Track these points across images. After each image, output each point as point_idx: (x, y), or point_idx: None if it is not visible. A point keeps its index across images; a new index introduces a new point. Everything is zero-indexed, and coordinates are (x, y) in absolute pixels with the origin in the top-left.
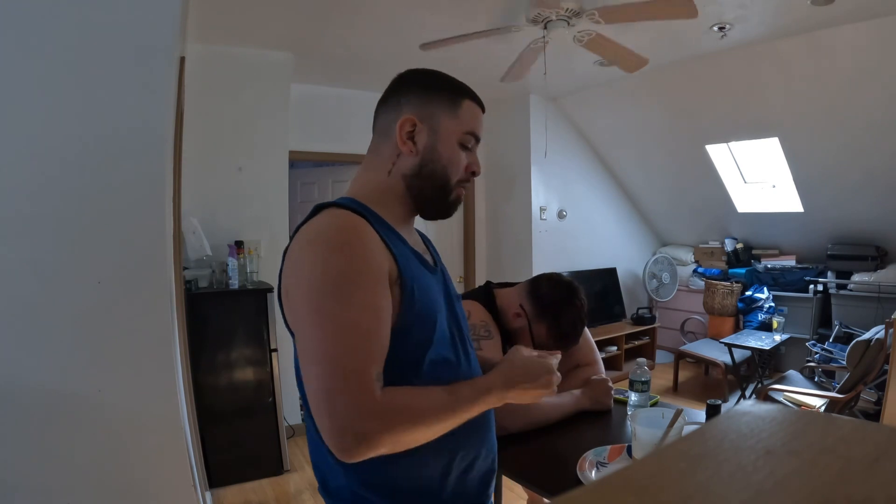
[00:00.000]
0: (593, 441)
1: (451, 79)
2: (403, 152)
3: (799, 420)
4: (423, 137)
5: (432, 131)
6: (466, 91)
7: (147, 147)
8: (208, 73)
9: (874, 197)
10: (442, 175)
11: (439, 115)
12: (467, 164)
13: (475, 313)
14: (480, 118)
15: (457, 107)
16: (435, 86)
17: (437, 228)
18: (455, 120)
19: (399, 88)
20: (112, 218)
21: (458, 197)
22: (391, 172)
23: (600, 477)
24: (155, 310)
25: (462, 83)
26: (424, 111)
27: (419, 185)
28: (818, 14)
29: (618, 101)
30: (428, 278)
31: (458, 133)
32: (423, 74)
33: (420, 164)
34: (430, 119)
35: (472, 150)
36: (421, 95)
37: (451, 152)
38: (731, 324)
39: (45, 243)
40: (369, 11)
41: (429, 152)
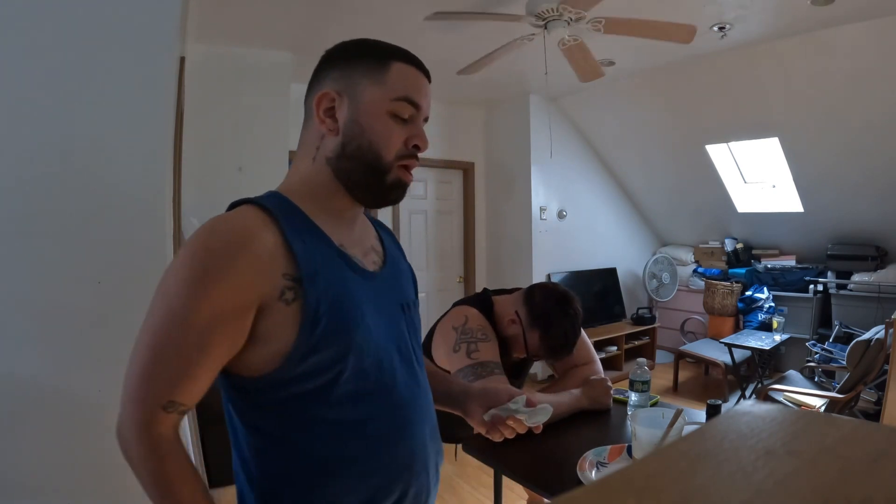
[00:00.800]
0: (593, 441)
1: (377, 42)
2: (324, 132)
3: (799, 420)
4: (344, 112)
5: (353, 103)
6: (396, 52)
7: (147, 147)
8: (208, 73)
9: (874, 197)
10: (369, 152)
11: (361, 83)
12: (406, 137)
13: (472, 318)
14: (420, 83)
15: (383, 71)
16: (357, 53)
17: (437, 228)
18: (382, 87)
19: (322, 65)
20: (112, 218)
21: (401, 178)
22: (315, 158)
23: (600, 477)
24: None
25: (393, 45)
26: (345, 82)
27: (346, 167)
28: (818, 14)
29: (618, 101)
30: (353, 286)
31: (386, 101)
32: (345, 44)
33: (342, 142)
34: (351, 90)
35: (411, 122)
36: (342, 67)
37: (377, 124)
38: (731, 324)
39: (45, 243)
40: (369, 11)
41: (350, 128)
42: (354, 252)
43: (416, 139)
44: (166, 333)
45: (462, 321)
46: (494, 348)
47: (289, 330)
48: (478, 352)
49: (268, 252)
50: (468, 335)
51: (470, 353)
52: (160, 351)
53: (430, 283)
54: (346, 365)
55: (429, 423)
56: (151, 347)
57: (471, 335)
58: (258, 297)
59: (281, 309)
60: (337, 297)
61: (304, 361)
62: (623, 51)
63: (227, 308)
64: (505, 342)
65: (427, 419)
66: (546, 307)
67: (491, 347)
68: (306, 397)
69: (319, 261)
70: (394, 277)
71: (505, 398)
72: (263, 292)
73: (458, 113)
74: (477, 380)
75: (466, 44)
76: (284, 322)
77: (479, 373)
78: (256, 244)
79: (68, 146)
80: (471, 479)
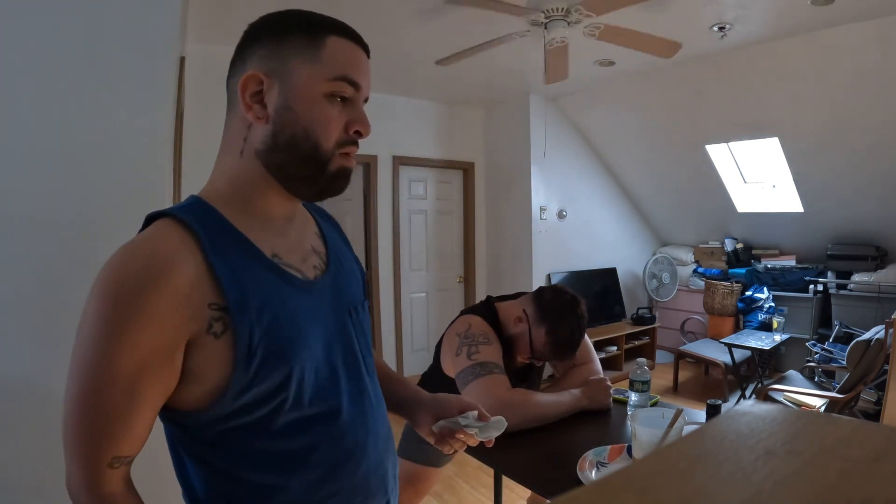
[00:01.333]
0: (593, 441)
1: (308, 13)
2: (251, 121)
3: (799, 420)
4: (274, 96)
5: (285, 86)
6: (332, 25)
7: (147, 147)
8: (208, 73)
9: (875, 197)
10: (305, 140)
11: (293, 62)
12: (346, 121)
13: (475, 325)
14: (358, 58)
15: (317, 47)
16: (286, 27)
17: (437, 229)
18: (317, 66)
19: (245, 41)
20: (112, 218)
21: (342, 167)
22: (243, 152)
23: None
24: None
25: (323, 17)
26: (273, 62)
27: (279, 160)
28: (818, 14)
29: (618, 102)
30: (291, 303)
31: (322, 81)
32: (274, 16)
33: (273, 132)
34: (281, 70)
35: (351, 103)
36: (270, 45)
37: (314, 108)
38: (731, 324)
39: (45, 243)
40: (368, 12)
41: (282, 114)
42: (291, 259)
43: (357, 124)
44: (91, 391)
45: (466, 328)
46: (496, 351)
47: (222, 365)
48: (478, 353)
49: (188, 282)
50: (470, 339)
51: (470, 354)
52: (89, 411)
53: (430, 283)
54: (287, 394)
55: (382, 437)
56: (80, 407)
57: (472, 339)
58: (183, 334)
59: (210, 343)
60: (273, 321)
61: (242, 396)
62: (623, 51)
63: (149, 352)
64: (509, 347)
65: (380, 435)
66: (555, 304)
67: (492, 350)
68: (248, 430)
69: (249, 281)
70: (338, 282)
71: (455, 410)
72: (189, 328)
73: (458, 113)
74: (476, 379)
75: (466, 44)
76: (216, 357)
77: (479, 372)
78: (174, 275)
79: (68, 146)
80: (471, 479)
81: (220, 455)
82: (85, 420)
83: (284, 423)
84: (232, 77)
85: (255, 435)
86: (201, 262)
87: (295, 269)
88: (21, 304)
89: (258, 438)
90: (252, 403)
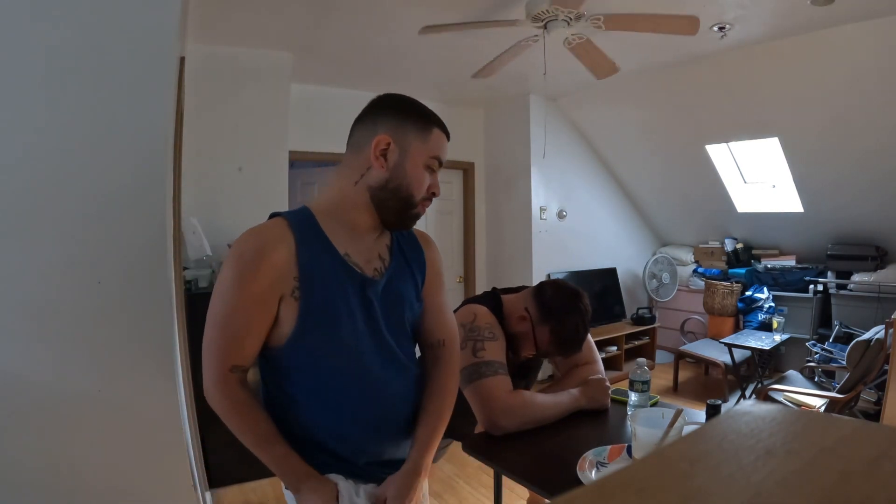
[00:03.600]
0: (593, 441)
1: (423, 107)
2: (374, 166)
3: (799, 420)
4: (395, 156)
5: (403, 152)
6: (436, 120)
7: (147, 147)
8: (208, 73)
9: (874, 197)
10: (406, 190)
11: (411, 138)
12: (430, 184)
13: (481, 316)
14: (446, 145)
15: (427, 133)
16: (409, 111)
17: (437, 228)
18: (425, 144)
19: (376, 110)
20: (112, 218)
21: (420, 213)
22: (358, 183)
23: (600, 477)
24: (155, 310)
25: (432, 112)
26: (398, 133)
27: (384, 196)
28: (818, 14)
29: (618, 101)
30: (347, 288)
31: (426, 156)
32: (399, 100)
33: (388, 178)
34: (403, 141)
35: (434, 173)
36: (396, 118)
37: (417, 172)
38: (731, 324)
39: (45, 243)
40: (369, 12)
41: (397, 169)
42: (358, 259)
43: (435, 187)
44: (221, 318)
45: (471, 319)
46: (501, 348)
47: (292, 317)
48: (483, 350)
49: (282, 259)
50: (475, 333)
51: (476, 351)
52: (220, 331)
53: None
54: (329, 352)
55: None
56: (214, 330)
57: (478, 333)
58: (278, 292)
59: (291, 302)
60: (329, 297)
61: (301, 339)
62: (623, 51)
63: (258, 299)
64: (513, 341)
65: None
66: (557, 302)
67: (497, 347)
68: (302, 371)
69: (318, 267)
70: (391, 283)
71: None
72: (281, 288)
73: (458, 113)
74: (482, 378)
75: (467, 42)
76: (291, 311)
77: (484, 372)
78: (274, 254)
79: (68, 146)
80: (471, 479)
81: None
82: (217, 337)
83: (330, 370)
84: (361, 130)
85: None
86: (293, 248)
87: (358, 266)
88: (21, 304)
89: (307, 380)
90: (307, 346)
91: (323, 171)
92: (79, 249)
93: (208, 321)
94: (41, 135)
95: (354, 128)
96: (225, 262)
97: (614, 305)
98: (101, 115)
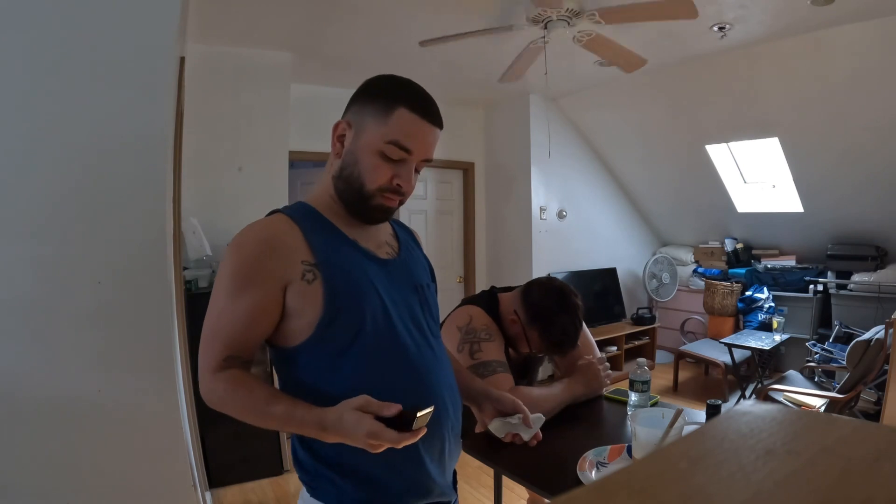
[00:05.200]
0: (593, 441)
1: (395, 85)
2: (333, 153)
3: (799, 420)
4: (348, 141)
5: (357, 137)
6: (405, 99)
7: (147, 147)
8: (208, 73)
9: (874, 197)
10: (356, 180)
11: (367, 121)
12: (393, 174)
13: (476, 318)
14: (418, 130)
15: (387, 114)
16: (374, 92)
17: (437, 228)
18: (381, 128)
19: (355, 94)
20: (112, 218)
21: (382, 205)
22: (331, 175)
23: (600, 477)
24: (155, 310)
25: (409, 90)
26: (357, 116)
27: (341, 187)
28: (818, 14)
29: (618, 101)
30: (366, 267)
31: (379, 142)
32: (377, 79)
33: (341, 166)
34: (359, 125)
35: (402, 162)
36: (363, 99)
37: (367, 159)
38: (731, 324)
39: (45, 243)
40: (369, 11)
41: (348, 157)
42: (368, 245)
43: (399, 179)
44: (221, 308)
45: (466, 321)
46: (498, 347)
47: (316, 303)
48: (481, 352)
49: (287, 246)
50: (471, 335)
51: (473, 353)
52: (216, 320)
53: None
54: (359, 331)
55: (445, 382)
56: (210, 318)
57: (474, 335)
58: (282, 279)
59: (304, 287)
60: (351, 274)
61: (331, 325)
62: None
63: (259, 286)
64: (510, 341)
65: (443, 379)
66: (543, 305)
67: (494, 346)
68: (332, 354)
69: (334, 250)
70: (406, 264)
71: (509, 409)
72: (286, 275)
73: (458, 113)
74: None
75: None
76: (311, 297)
77: (482, 373)
78: (276, 241)
79: (68, 146)
80: (471, 479)
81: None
82: (212, 325)
83: (362, 347)
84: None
85: (337, 356)
86: (299, 235)
87: (370, 250)
88: (21, 304)
89: (340, 360)
90: (340, 329)
91: (322, 172)
92: (79, 249)
93: (207, 312)
94: (41, 135)
95: None
96: (225, 255)
97: (614, 305)
98: (102, 114)
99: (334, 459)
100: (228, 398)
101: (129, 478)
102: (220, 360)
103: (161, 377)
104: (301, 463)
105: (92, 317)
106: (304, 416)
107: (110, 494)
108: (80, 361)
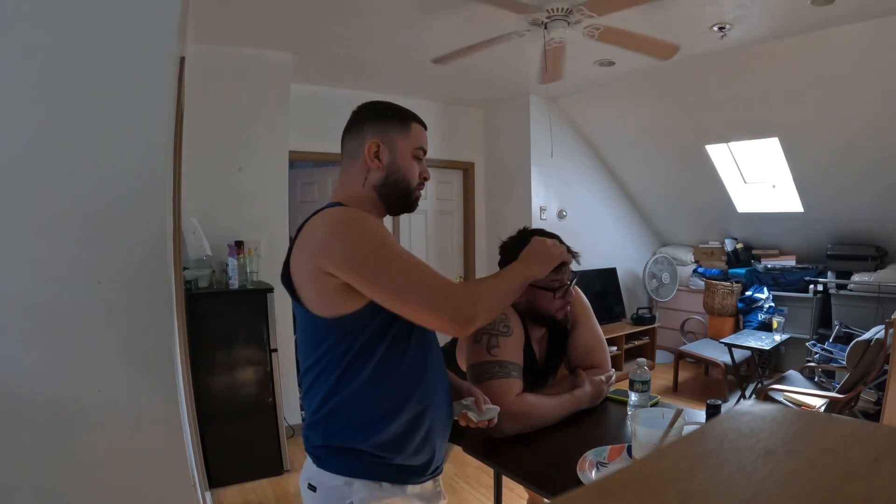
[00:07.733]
0: (593, 441)
1: (398, 107)
2: (372, 168)
3: (799, 420)
4: (386, 155)
5: (392, 150)
6: (411, 115)
7: (147, 147)
8: (208, 73)
9: (874, 197)
10: (404, 182)
11: (395, 136)
12: (420, 171)
13: None
14: (425, 135)
15: (407, 129)
16: (388, 114)
17: (437, 228)
18: (408, 139)
19: (360, 119)
20: (112, 218)
21: (419, 196)
22: (364, 185)
23: (600, 477)
24: (155, 310)
25: (406, 109)
26: (383, 135)
27: (387, 191)
28: (818, 14)
29: (618, 102)
30: None
31: (411, 148)
32: (376, 106)
33: (386, 175)
34: (389, 140)
35: (422, 161)
36: (378, 122)
37: (408, 164)
38: (731, 324)
39: (45, 243)
40: (369, 12)
41: (391, 166)
42: None
43: (425, 172)
44: (407, 256)
45: None
46: (515, 344)
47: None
48: (498, 348)
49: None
50: (490, 326)
51: (490, 348)
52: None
53: None
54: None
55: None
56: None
57: (493, 327)
58: None
59: None
60: None
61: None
62: (623, 51)
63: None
64: (535, 319)
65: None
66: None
67: (512, 343)
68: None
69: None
70: None
71: (465, 393)
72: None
73: (458, 113)
74: (493, 379)
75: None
76: None
77: (496, 372)
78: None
79: (68, 146)
80: (471, 479)
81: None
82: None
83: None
84: (351, 140)
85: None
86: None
87: None
88: (21, 304)
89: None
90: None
91: (323, 171)
92: (79, 250)
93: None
94: (41, 135)
95: (344, 139)
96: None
97: (614, 305)
98: (102, 115)
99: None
100: (484, 286)
101: (129, 477)
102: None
103: (161, 377)
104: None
105: (92, 317)
106: (512, 268)
107: (110, 494)
108: (80, 361)
